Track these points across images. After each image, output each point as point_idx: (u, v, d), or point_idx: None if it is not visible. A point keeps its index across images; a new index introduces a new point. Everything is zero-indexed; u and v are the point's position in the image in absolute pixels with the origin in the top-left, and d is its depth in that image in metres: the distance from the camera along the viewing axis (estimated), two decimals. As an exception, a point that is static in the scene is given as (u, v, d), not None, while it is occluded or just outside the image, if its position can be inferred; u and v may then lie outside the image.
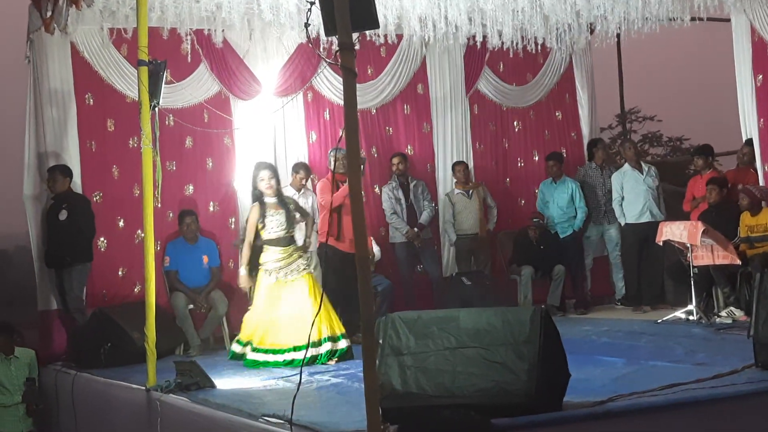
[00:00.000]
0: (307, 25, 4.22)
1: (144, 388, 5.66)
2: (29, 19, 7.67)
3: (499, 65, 9.75)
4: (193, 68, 8.33)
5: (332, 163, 7.72)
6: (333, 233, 7.36)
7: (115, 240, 7.87)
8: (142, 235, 6.20)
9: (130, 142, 7.84)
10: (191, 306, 7.74)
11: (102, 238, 7.79)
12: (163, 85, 5.98)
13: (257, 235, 6.74)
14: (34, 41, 7.71)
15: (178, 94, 8.20)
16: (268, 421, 4.48)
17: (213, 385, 5.59)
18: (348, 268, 7.23)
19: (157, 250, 7.19)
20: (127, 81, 7.83)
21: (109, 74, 7.97)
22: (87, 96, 7.94)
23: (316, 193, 8.04)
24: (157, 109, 5.89)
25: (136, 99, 6.00)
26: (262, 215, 6.71)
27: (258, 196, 6.80)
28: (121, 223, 7.92)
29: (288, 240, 6.75)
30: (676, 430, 4.19)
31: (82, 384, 6.69)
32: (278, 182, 6.89)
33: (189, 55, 8.19)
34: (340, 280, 7.00)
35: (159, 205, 6.14)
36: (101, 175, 7.93)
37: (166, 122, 7.82)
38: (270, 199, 6.78)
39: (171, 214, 8.08)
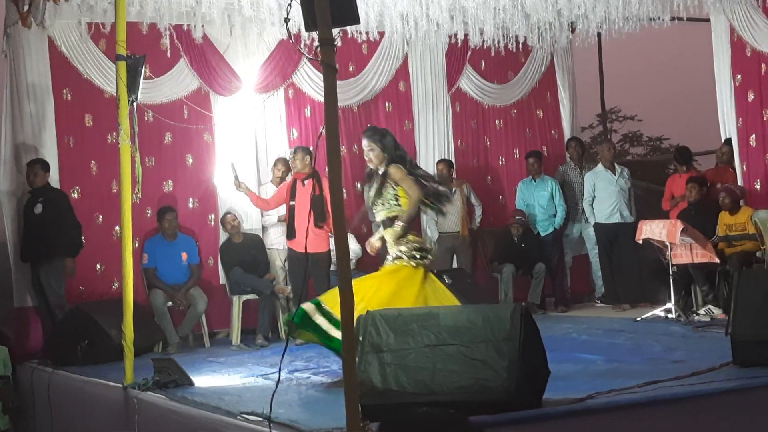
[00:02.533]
0: (287, 20, 4.18)
1: (121, 385, 5.61)
2: (6, 12, 7.60)
3: (480, 63, 9.75)
4: (172, 64, 8.26)
5: (291, 163, 7.75)
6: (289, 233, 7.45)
7: (93, 236, 7.78)
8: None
9: (109, 137, 7.77)
10: (170, 303, 7.70)
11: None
12: (142, 81, 5.92)
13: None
14: (11, 35, 7.63)
15: (158, 90, 8.14)
16: (246, 419, 4.44)
17: (191, 383, 5.55)
18: (299, 267, 7.30)
19: (135, 246, 7.16)
20: (106, 76, 7.76)
21: (87, 69, 7.89)
22: (65, 91, 7.85)
23: None
24: (135, 104, 5.84)
25: (115, 94, 5.94)
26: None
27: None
28: (99, 219, 7.85)
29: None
30: (655, 427, 4.20)
31: (59, 382, 6.62)
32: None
33: (168, 51, 8.13)
34: (296, 279, 7.08)
35: (138, 201, 6.08)
36: (79, 170, 7.85)
37: (145, 118, 7.77)
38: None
39: (150, 211, 8.02)
